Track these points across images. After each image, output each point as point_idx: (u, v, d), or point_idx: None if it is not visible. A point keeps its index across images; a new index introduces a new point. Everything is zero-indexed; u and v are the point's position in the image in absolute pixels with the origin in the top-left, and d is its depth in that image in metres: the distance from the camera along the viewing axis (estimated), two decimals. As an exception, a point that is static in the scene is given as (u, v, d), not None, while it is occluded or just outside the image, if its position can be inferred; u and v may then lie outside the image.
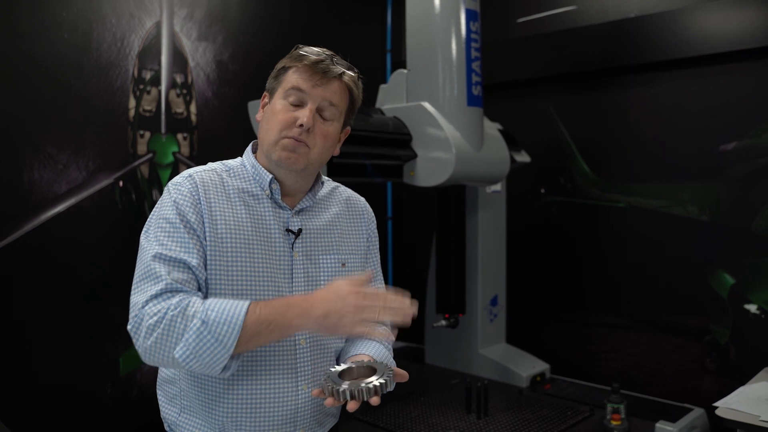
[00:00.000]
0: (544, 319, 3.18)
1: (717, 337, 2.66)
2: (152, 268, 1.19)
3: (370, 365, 1.25)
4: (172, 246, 1.22)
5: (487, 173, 2.61)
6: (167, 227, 1.23)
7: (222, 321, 1.13)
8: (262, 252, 1.30)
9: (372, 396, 1.16)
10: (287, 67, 1.32)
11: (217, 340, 1.13)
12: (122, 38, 2.49)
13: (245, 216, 1.31)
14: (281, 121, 1.29)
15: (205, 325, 1.13)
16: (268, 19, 2.99)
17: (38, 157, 2.26)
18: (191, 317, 1.14)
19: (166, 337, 1.14)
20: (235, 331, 1.13)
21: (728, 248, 2.63)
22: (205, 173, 1.32)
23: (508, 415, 2.33)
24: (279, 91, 1.32)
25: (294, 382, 1.31)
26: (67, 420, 2.34)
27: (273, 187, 1.34)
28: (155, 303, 1.16)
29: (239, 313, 1.14)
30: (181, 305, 1.15)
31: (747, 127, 2.57)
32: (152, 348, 1.16)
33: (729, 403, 1.90)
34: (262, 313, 1.16)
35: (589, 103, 3.03)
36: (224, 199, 1.30)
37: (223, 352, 1.14)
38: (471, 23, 2.46)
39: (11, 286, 2.21)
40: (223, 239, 1.26)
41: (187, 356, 1.14)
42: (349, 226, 1.47)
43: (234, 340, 1.13)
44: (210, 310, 1.14)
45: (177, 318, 1.14)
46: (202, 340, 1.13)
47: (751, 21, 2.51)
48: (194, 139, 2.73)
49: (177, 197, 1.26)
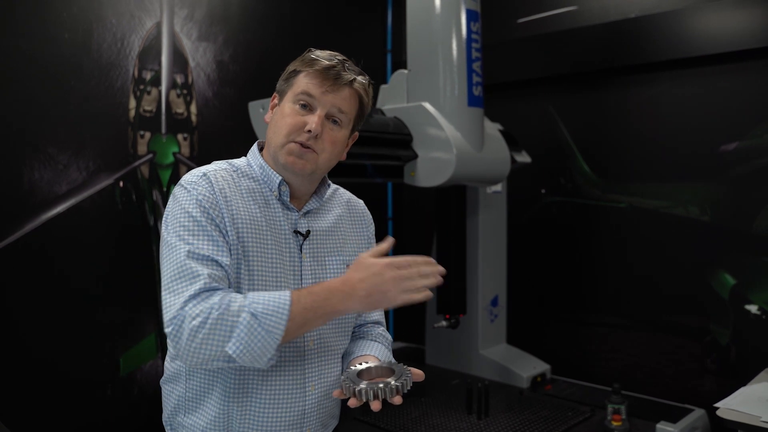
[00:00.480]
0: (544, 319, 3.18)
1: (718, 337, 2.66)
2: (187, 267, 1.18)
3: (387, 365, 1.25)
4: (202, 245, 1.21)
5: (487, 174, 2.61)
6: (192, 226, 1.22)
7: (270, 312, 1.15)
8: (276, 252, 1.30)
9: (394, 396, 1.17)
10: (298, 70, 1.32)
11: (267, 332, 1.15)
12: (122, 38, 2.48)
13: (260, 216, 1.30)
14: (289, 124, 1.28)
15: (255, 318, 1.14)
16: (269, 20, 2.99)
17: (38, 158, 2.26)
18: (237, 313, 1.15)
19: (214, 336, 1.14)
20: (283, 321, 1.15)
21: (729, 248, 2.63)
22: (218, 172, 1.30)
23: (509, 416, 2.33)
24: (289, 94, 1.31)
25: (302, 383, 1.32)
26: (67, 420, 2.34)
27: (282, 189, 1.34)
28: (195, 303, 1.15)
29: (285, 303, 1.16)
30: (224, 303, 1.15)
31: (748, 128, 2.57)
32: (198, 348, 1.14)
33: (730, 404, 1.90)
34: (307, 301, 1.18)
35: (590, 103, 3.03)
36: (239, 198, 1.29)
37: (273, 343, 1.16)
38: (471, 23, 2.46)
39: (11, 287, 2.21)
40: (243, 237, 1.26)
41: (241, 351, 1.14)
42: (351, 228, 1.47)
43: (282, 330, 1.15)
44: (256, 303, 1.16)
45: (223, 316, 1.14)
46: (253, 333, 1.14)
47: (751, 21, 2.51)
48: (195, 139, 2.73)
49: (198, 195, 1.24)
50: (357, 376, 1.21)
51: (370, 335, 1.48)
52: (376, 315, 1.52)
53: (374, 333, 1.49)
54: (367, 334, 1.48)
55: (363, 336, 1.48)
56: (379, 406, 1.17)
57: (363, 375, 1.23)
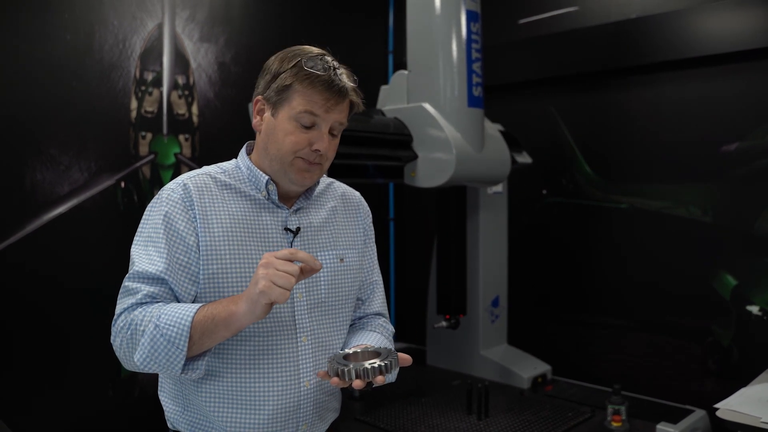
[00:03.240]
0: (545, 320, 3.17)
1: (719, 338, 2.65)
2: (131, 284, 1.24)
3: (374, 350, 1.26)
4: (154, 258, 1.25)
5: (488, 174, 2.61)
6: (153, 239, 1.27)
7: (172, 323, 1.16)
8: (259, 253, 1.30)
9: (377, 375, 1.17)
10: (293, 85, 1.28)
11: (169, 341, 1.16)
12: (124, 40, 2.49)
13: (240, 217, 1.32)
14: (295, 142, 1.29)
15: (158, 329, 1.16)
16: (270, 21, 2.99)
17: (40, 159, 2.27)
18: (147, 323, 1.18)
19: (129, 346, 1.20)
20: (185, 331, 1.15)
21: (731, 249, 2.62)
22: (198, 178, 1.33)
23: (510, 417, 2.33)
24: (286, 109, 1.29)
25: (296, 379, 1.32)
26: (68, 421, 2.35)
27: (270, 188, 1.35)
28: (125, 315, 1.22)
29: (189, 314, 1.16)
30: (141, 314, 1.19)
31: (749, 128, 2.56)
32: (123, 357, 1.23)
33: (730, 405, 1.89)
34: (209, 309, 1.18)
35: (591, 104, 3.03)
36: (219, 202, 1.31)
37: (177, 353, 1.16)
38: (472, 24, 2.46)
39: (13, 286, 2.22)
40: (218, 242, 1.28)
41: (144, 359, 1.18)
42: (345, 221, 1.47)
43: (185, 340, 1.15)
44: (163, 314, 1.17)
45: (137, 326, 1.18)
46: (155, 342, 1.16)
47: (752, 22, 2.50)
48: (196, 140, 2.74)
49: (168, 209, 1.28)
50: (344, 359, 1.23)
51: (370, 326, 1.48)
52: (377, 306, 1.52)
53: (374, 324, 1.49)
54: (367, 325, 1.48)
55: (362, 327, 1.48)
56: (361, 385, 1.17)
57: (350, 359, 1.24)
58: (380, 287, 1.54)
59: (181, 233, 1.26)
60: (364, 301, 1.51)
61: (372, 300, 1.51)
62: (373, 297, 1.52)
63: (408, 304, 3.66)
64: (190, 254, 1.27)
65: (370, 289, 1.51)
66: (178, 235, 1.26)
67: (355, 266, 1.45)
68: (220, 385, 1.30)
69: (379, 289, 1.54)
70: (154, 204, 1.31)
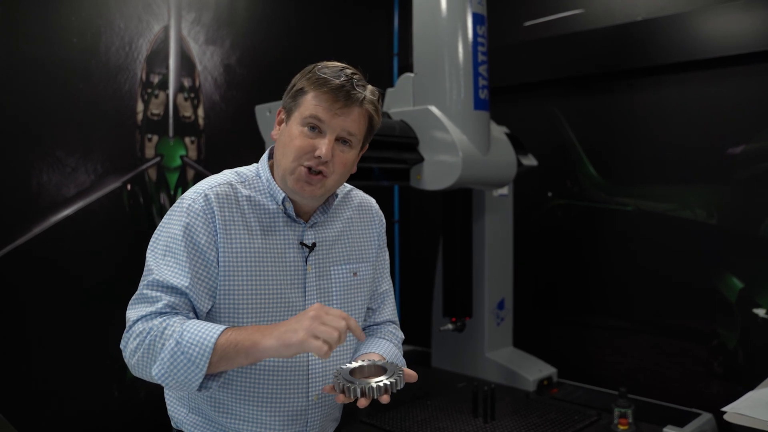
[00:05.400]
0: (551, 322, 3.17)
1: (725, 341, 2.65)
2: (150, 293, 1.22)
3: (381, 365, 1.26)
4: (175, 270, 1.22)
5: (493, 177, 2.61)
6: (173, 250, 1.24)
7: (195, 342, 1.14)
8: (275, 268, 1.30)
9: (382, 394, 1.17)
10: (305, 90, 1.27)
11: (190, 360, 1.14)
12: (130, 42, 2.50)
13: (258, 232, 1.30)
14: (298, 147, 1.26)
15: (179, 346, 1.14)
16: (276, 23, 3.00)
17: (46, 161, 2.28)
18: (168, 337, 1.16)
19: (146, 357, 1.17)
20: (206, 352, 1.13)
21: (736, 252, 2.62)
22: (220, 188, 1.29)
23: (515, 419, 2.33)
24: (296, 114, 1.27)
25: (305, 390, 1.33)
26: (73, 423, 2.35)
27: (287, 205, 1.33)
28: (143, 322, 1.19)
29: (212, 335, 1.14)
30: (161, 326, 1.17)
31: (755, 131, 2.56)
32: (136, 366, 1.21)
33: (737, 408, 1.88)
34: (233, 335, 1.15)
35: (596, 106, 3.02)
36: (239, 216, 1.29)
37: (196, 372, 1.15)
38: (478, 27, 2.46)
39: (19, 288, 2.22)
40: (237, 258, 1.27)
41: (163, 374, 1.16)
42: (360, 232, 1.46)
43: (205, 361, 1.14)
44: (186, 332, 1.15)
45: (156, 339, 1.16)
46: (175, 359, 1.15)
47: (758, 24, 2.50)
48: (202, 142, 2.74)
49: (189, 220, 1.25)
50: (350, 374, 1.22)
51: (380, 332, 1.47)
52: (387, 314, 1.51)
53: (384, 331, 1.48)
54: (377, 332, 1.48)
55: (372, 334, 1.47)
56: (366, 403, 1.17)
57: (356, 373, 1.23)
58: (391, 296, 1.53)
59: (201, 247, 1.24)
60: (375, 311, 1.50)
61: (382, 309, 1.51)
62: (383, 306, 1.51)
63: (413, 306, 3.65)
64: (210, 269, 1.25)
65: (381, 298, 1.50)
66: (198, 248, 1.24)
67: (368, 279, 1.45)
68: (229, 393, 1.30)
69: (389, 298, 1.53)
70: (174, 212, 1.28)
